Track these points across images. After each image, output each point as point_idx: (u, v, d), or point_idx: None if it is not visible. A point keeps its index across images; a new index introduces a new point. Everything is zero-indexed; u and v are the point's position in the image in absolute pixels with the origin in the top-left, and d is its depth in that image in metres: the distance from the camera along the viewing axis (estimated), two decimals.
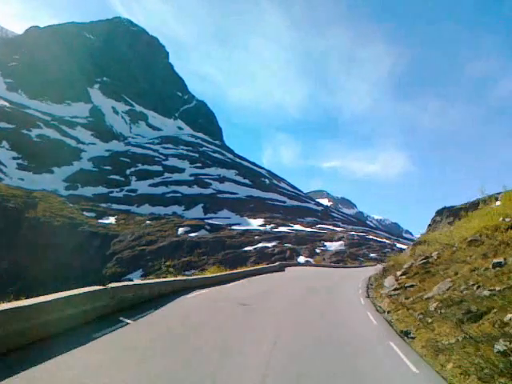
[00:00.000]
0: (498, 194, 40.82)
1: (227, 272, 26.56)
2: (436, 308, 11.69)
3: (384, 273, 28.65)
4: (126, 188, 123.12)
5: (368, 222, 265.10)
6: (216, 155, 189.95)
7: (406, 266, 20.23)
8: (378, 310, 16.34)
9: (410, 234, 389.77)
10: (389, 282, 20.54)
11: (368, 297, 20.47)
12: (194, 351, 7.71)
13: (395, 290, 17.53)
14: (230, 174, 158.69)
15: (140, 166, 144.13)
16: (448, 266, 15.57)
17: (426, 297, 13.60)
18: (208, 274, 24.09)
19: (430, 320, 11.22)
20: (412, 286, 16.46)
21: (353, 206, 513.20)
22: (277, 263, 41.76)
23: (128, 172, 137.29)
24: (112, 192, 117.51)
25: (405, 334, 11.44)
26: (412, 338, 11.03)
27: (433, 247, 22.17)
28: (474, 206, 42.33)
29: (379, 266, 60.79)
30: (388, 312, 15.34)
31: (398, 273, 20.09)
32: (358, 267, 58.44)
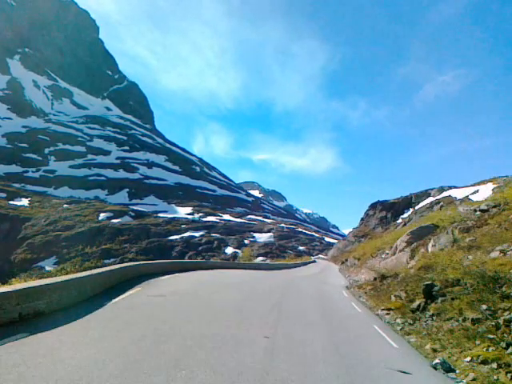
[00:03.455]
0: (432, 189, 41.96)
1: None
2: None
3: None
4: (44, 168, 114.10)
5: (297, 215, 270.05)
6: (145, 139, 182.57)
7: None
8: None
9: (337, 228, 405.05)
10: None
11: None
12: None
13: None
14: (160, 159, 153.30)
15: (61, 146, 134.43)
16: None
17: None
18: None
19: None
20: None
21: (283, 198, 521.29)
22: (116, 267, 15.34)
23: (46, 151, 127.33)
24: (27, 172, 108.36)
25: None
26: None
27: None
28: (406, 200, 43.23)
29: (325, 263, 59.31)
30: None
31: None
32: (302, 266, 49.65)
